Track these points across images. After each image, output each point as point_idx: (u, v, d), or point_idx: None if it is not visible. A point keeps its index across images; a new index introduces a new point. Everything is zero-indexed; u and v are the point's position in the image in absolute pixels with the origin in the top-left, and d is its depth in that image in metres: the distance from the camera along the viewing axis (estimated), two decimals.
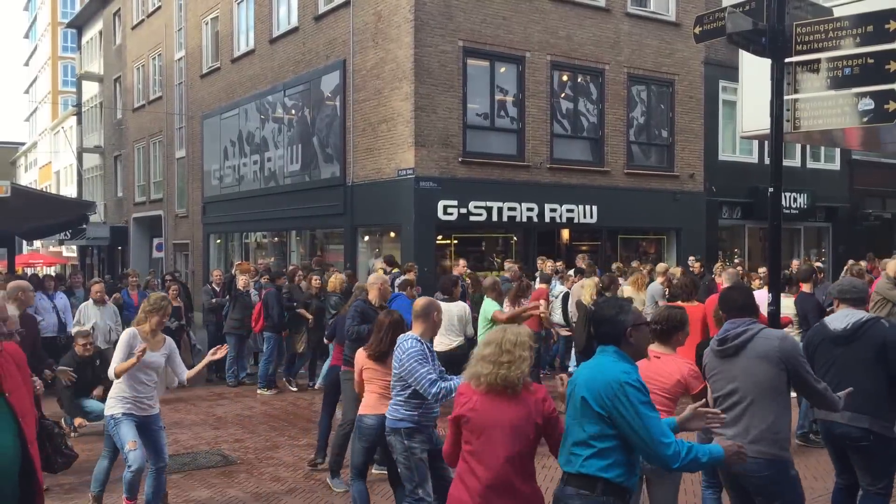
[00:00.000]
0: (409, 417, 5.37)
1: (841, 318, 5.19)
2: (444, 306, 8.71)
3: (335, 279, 12.17)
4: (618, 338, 3.67)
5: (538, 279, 13.21)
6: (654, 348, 4.76)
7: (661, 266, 13.49)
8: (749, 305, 4.54)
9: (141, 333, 6.45)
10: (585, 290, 10.90)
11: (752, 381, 4.34)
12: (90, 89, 40.24)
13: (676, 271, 12.75)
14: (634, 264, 15.62)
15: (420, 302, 5.70)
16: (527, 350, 3.92)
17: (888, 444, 4.99)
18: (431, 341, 5.61)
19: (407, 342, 5.38)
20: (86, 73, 39.58)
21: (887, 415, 4.98)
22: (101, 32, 37.80)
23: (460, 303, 9.51)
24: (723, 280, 11.17)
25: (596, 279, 11.30)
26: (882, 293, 9.45)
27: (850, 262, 12.23)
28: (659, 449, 3.42)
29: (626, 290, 12.16)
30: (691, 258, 17.01)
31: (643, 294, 12.08)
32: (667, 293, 11.48)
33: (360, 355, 6.14)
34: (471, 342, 9.16)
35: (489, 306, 9.54)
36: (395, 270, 13.35)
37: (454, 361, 8.47)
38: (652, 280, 12.80)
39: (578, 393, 3.63)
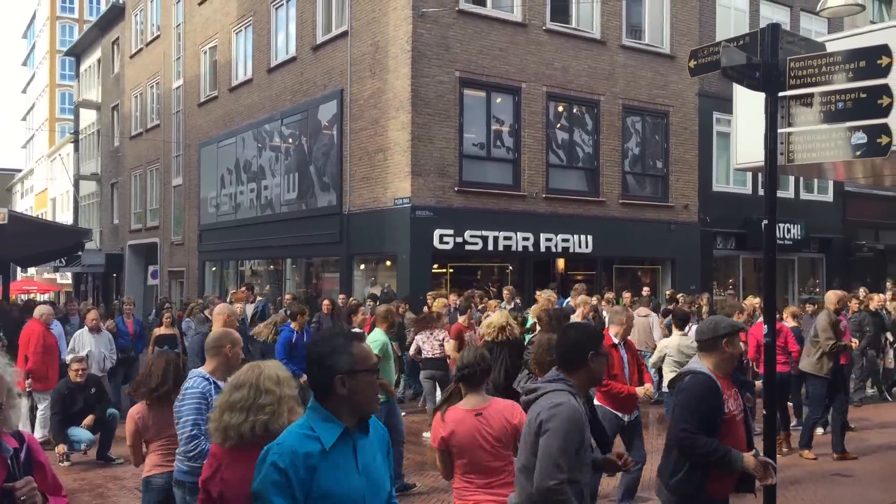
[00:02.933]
0: (193, 471, 4.36)
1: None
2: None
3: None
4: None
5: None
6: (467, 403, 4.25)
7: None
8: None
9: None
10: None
11: None
12: (88, 117, 40.40)
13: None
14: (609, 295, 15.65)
15: (213, 333, 4.92)
16: (293, 389, 3.30)
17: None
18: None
19: (190, 380, 4.59)
20: (83, 100, 39.77)
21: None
22: (99, 61, 38.03)
23: (378, 332, 8.96)
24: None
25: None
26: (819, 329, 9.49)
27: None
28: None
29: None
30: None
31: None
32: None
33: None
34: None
35: (377, 336, 8.19)
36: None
37: None
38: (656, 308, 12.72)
39: None
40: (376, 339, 8.04)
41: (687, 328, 8.91)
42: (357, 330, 9.08)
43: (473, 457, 4.15)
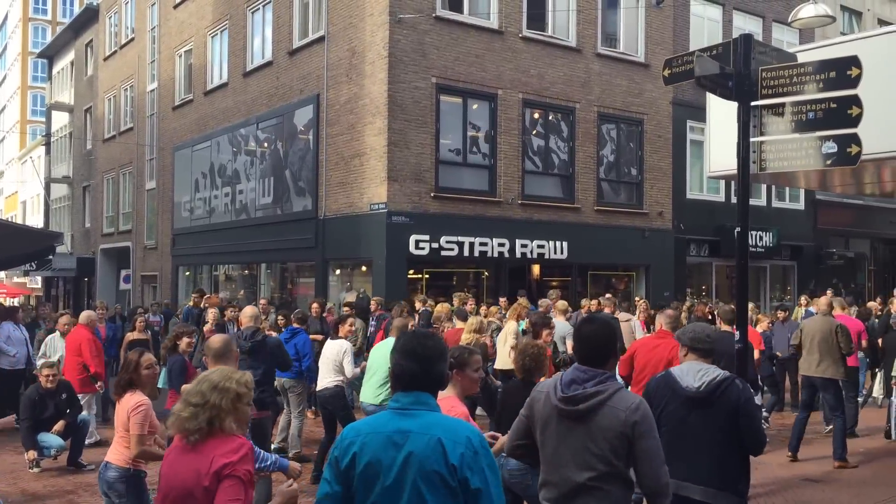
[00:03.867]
0: None
1: (692, 373, 4.47)
2: (327, 343, 9.09)
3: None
4: None
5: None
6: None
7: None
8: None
9: None
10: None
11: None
12: (60, 119, 39.96)
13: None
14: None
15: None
16: (228, 400, 3.34)
17: None
18: None
19: None
20: (56, 103, 39.35)
21: (740, 490, 4.44)
22: (72, 63, 37.64)
23: (340, 341, 8.91)
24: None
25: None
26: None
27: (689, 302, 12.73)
28: None
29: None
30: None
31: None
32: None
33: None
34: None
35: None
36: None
37: (328, 402, 8.75)
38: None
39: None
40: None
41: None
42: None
43: None
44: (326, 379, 8.80)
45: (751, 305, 11.82)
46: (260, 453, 4.58)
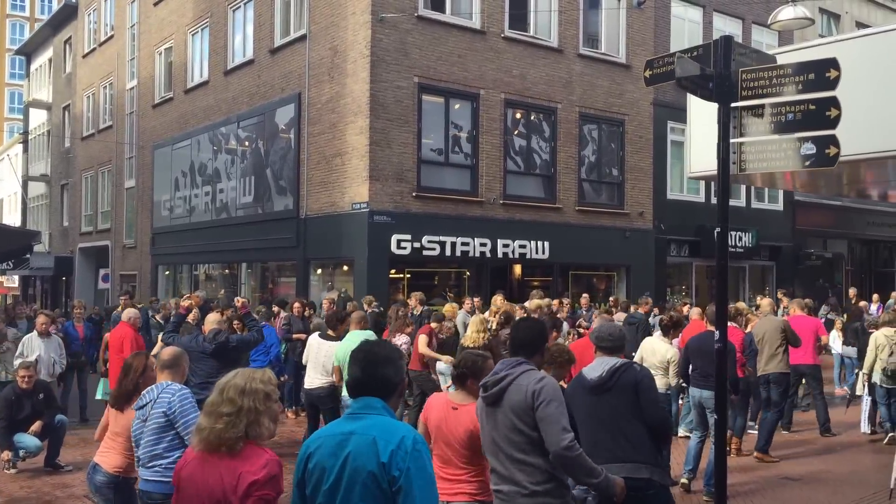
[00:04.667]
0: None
1: (596, 367, 4.88)
2: (316, 343, 8.92)
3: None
4: None
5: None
6: (456, 396, 4.47)
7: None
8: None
9: None
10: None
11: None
12: (38, 117, 39.55)
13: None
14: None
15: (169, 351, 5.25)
16: (259, 401, 3.15)
17: (667, 492, 4.86)
18: None
19: (174, 386, 4.86)
20: (34, 100, 38.96)
21: (659, 461, 4.83)
22: (50, 60, 37.27)
23: (333, 343, 8.72)
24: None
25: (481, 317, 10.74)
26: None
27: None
28: None
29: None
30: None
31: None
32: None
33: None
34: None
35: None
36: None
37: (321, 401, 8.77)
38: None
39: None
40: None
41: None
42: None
43: (440, 445, 4.33)
44: (319, 379, 8.80)
45: (743, 306, 11.96)
46: None
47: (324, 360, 8.73)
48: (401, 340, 10.63)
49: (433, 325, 10.91)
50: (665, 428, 4.95)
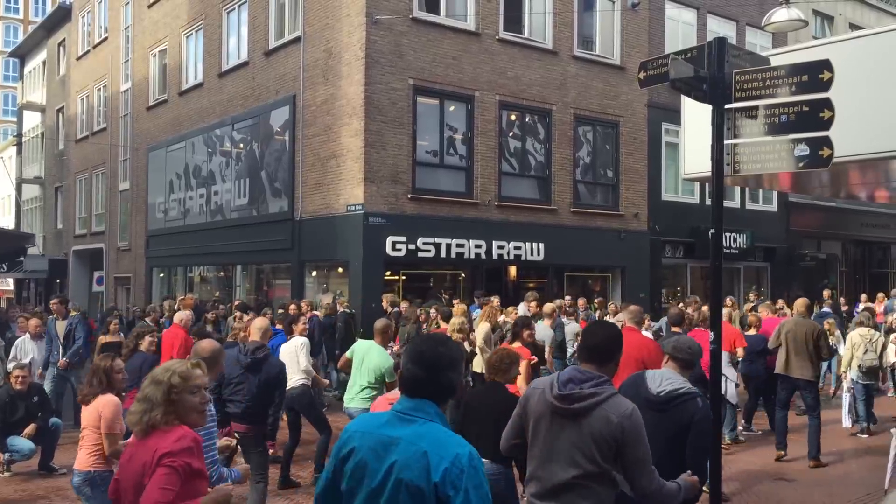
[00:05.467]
0: None
1: (660, 380, 4.58)
2: (284, 345, 9.01)
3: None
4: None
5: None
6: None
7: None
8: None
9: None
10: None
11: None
12: (32, 119, 39.44)
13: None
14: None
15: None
16: (159, 392, 3.44)
17: None
18: None
19: None
20: (27, 102, 38.86)
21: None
22: (44, 62, 37.19)
23: (296, 338, 8.85)
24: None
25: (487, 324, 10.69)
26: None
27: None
28: None
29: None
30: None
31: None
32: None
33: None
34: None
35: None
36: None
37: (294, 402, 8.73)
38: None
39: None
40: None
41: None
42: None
43: None
44: (291, 379, 8.49)
45: (737, 306, 12.11)
46: (218, 469, 4.43)
47: (292, 355, 8.69)
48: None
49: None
50: (695, 471, 4.32)
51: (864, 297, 18.72)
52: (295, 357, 8.66)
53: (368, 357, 7.98)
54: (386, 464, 2.67)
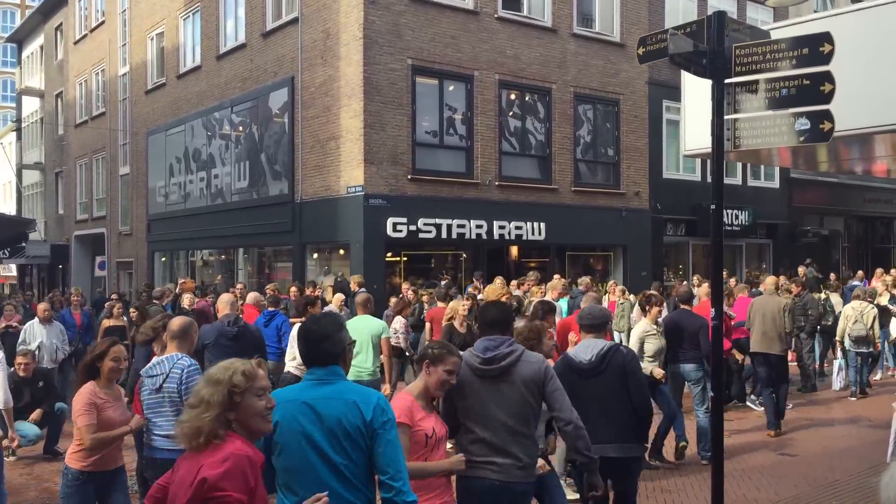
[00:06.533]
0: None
1: (585, 350, 5.28)
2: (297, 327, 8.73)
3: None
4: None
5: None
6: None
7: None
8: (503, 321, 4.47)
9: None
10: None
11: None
12: (30, 105, 39.33)
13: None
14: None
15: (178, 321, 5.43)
16: (218, 394, 2.86)
17: (640, 467, 5.47)
18: None
19: (185, 360, 5.12)
20: (26, 88, 38.71)
21: (642, 438, 5.38)
22: (42, 47, 37.02)
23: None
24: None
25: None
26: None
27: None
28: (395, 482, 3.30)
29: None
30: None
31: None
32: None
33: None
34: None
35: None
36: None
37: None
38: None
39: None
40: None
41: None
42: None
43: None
44: (290, 363, 8.60)
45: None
46: None
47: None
48: (398, 323, 10.63)
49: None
50: (648, 410, 5.30)
51: (860, 273, 18.71)
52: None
53: (368, 327, 8.30)
54: (323, 418, 3.22)
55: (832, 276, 19.29)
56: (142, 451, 5.85)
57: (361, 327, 8.26)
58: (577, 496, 5.69)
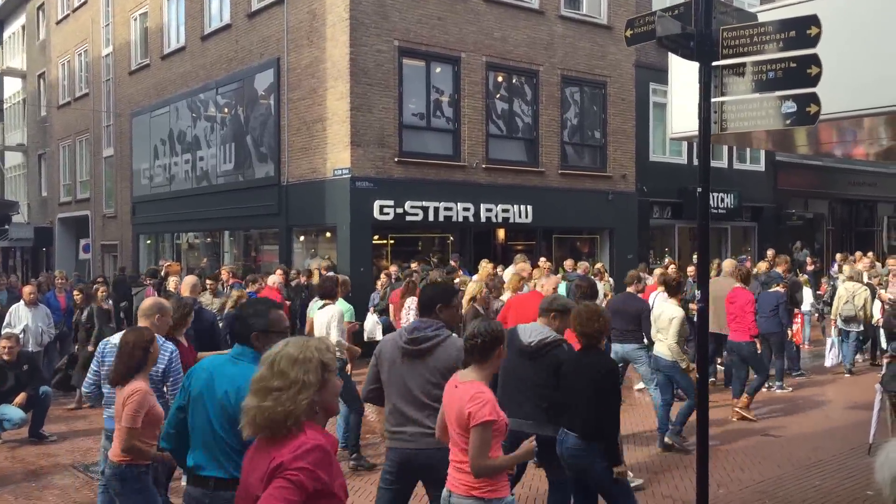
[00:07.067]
0: None
1: (532, 332, 5.54)
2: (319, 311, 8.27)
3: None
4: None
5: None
6: (462, 373, 4.10)
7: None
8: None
9: None
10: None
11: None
12: (12, 85, 38.89)
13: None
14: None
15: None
16: (313, 371, 2.71)
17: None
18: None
19: (168, 345, 5.46)
20: (8, 68, 38.25)
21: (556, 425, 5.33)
22: (23, 27, 36.56)
23: (332, 306, 8.21)
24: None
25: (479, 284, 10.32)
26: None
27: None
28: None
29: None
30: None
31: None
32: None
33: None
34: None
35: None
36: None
37: None
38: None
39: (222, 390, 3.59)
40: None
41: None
42: None
43: (448, 424, 4.05)
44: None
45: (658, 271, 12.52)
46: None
47: (325, 323, 8.13)
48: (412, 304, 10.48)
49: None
50: (559, 405, 5.35)
51: (839, 256, 18.84)
52: (328, 326, 7.99)
53: (325, 311, 8.15)
54: (216, 393, 3.61)
55: (809, 262, 19.48)
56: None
57: (320, 311, 8.17)
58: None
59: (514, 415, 4.98)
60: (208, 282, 12.43)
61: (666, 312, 8.34)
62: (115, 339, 5.43)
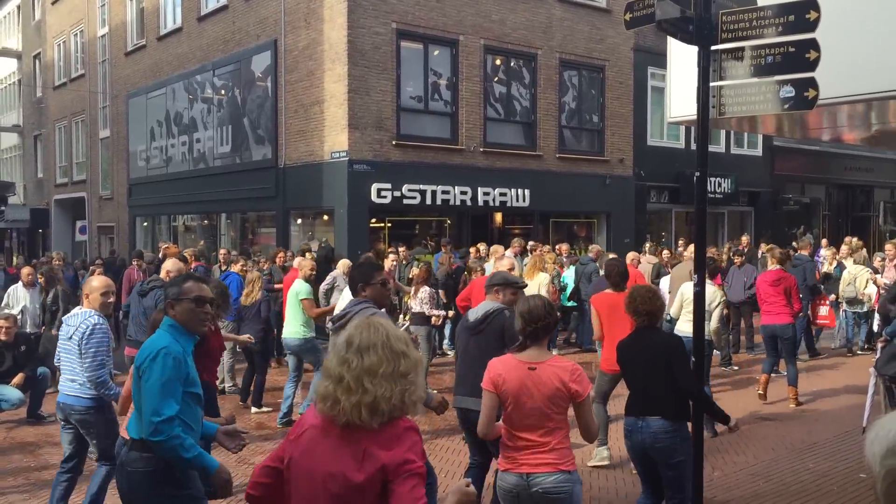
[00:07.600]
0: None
1: (479, 309, 5.72)
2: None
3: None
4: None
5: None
6: (528, 356, 4.09)
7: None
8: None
9: None
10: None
11: None
12: (7, 66, 38.66)
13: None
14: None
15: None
16: (414, 358, 2.55)
17: None
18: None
19: (86, 312, 5.62)
20: (3, 49, 37.99)
21: None
22: (18, 7, 36.31)
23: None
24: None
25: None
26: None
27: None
28: (147, 418, 3.65)
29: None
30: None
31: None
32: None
33: None
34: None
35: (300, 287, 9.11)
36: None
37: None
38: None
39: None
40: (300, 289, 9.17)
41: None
42: None
43: (520, 412, 4.02)
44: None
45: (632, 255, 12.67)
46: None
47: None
48: (423, 293, 10.49)
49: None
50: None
51: (824, 241, 18.83)
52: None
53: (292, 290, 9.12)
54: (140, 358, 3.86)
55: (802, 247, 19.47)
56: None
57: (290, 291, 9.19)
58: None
59: (461, 393, 5.48)
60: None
61: (707, 294, 8.27)
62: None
